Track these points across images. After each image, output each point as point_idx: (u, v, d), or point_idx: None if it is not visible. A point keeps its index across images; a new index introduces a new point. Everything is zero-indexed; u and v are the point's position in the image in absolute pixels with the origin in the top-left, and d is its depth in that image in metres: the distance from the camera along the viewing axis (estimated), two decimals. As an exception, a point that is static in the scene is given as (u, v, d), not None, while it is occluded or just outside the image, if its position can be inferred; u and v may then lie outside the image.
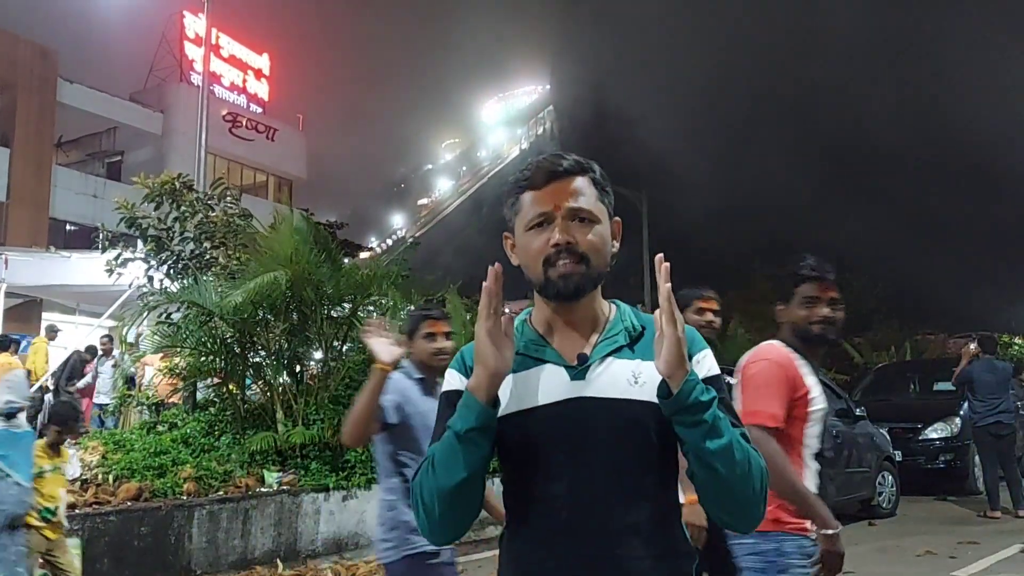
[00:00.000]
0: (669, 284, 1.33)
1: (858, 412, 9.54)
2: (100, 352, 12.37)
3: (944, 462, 10.98)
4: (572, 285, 1.41)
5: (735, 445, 1.32)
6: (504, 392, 1.40)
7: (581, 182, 1.46)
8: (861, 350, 20.15)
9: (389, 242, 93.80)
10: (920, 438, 11.10)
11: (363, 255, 14.26)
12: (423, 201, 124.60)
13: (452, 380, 1.50)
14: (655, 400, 1.36)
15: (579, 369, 1.43)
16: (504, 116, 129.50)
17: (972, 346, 10.23)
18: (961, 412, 11.02)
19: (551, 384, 1.42)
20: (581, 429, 1.39)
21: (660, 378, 1.35)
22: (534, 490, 1.40)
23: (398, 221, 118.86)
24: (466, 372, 1.45)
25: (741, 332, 15.48)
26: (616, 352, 1.44)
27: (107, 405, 11.51)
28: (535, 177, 1.47)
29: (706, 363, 1.45)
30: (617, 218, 1.53)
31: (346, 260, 9.03)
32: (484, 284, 1.34)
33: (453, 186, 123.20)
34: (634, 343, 1.45)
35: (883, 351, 19.86)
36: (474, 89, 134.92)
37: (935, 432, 11.17)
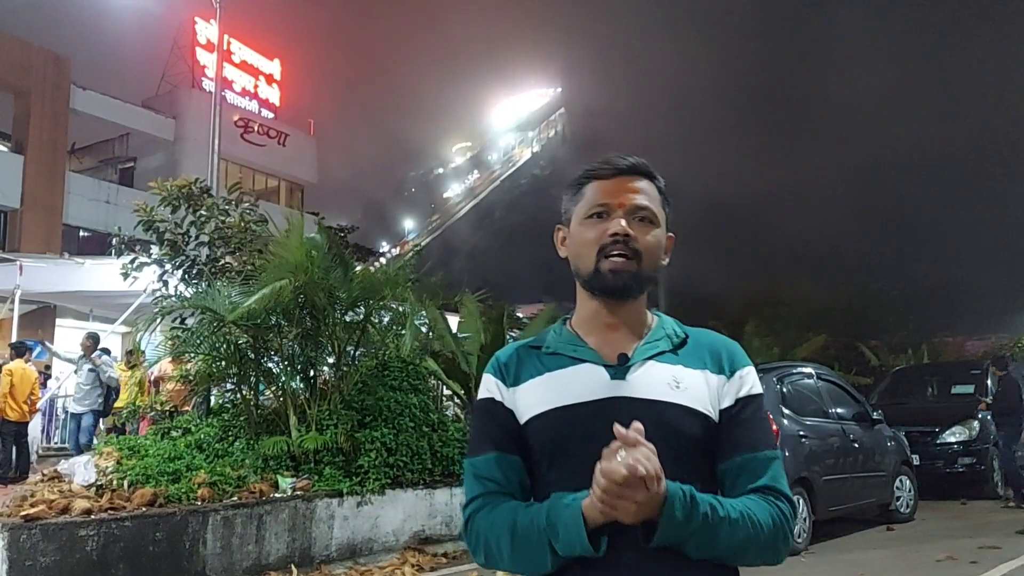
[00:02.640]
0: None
1: (875, 416, 9.44)
2: (80, 353, 11.78)
3: (963, 466, 10.87)
4: (621, 281, 1.38)
5: (739, 534, 1.26)
6: (539, 390, 1.38)
7: (648, 184, 1.44)
8: (878, 353, 19.99)
9: (396, 251, 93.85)
10: (938, 442, 11.00)
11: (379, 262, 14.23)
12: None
13: (489, 387, 1.45)
14: (695, 406, 1.35)
15: (620, 369, 1.39)
16: (515, 119, 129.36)
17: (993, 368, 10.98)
18: (980, 416, 10.94)
19: (590, 382, 1.38)
20: None
21: (702, 385, 1.36)
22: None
23: (409, 225, 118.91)
24: (503, 377, 1.43)
25: (757, 342, 15.31)
26: (658, 356, 1.40)
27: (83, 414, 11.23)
28: (602, 169, 1.44)
29: (748, 380, 1.41)
30: (671, 233, 1.49)
31: (357, 265, 9.02)
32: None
33: (465, 189, 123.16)
34: (677, 349, 1.42)
35: (900, 354, 19.70)
36: (485, 92, 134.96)
37: (953, 436, 11.07)
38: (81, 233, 24.61)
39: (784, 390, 8.32)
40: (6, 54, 22.28)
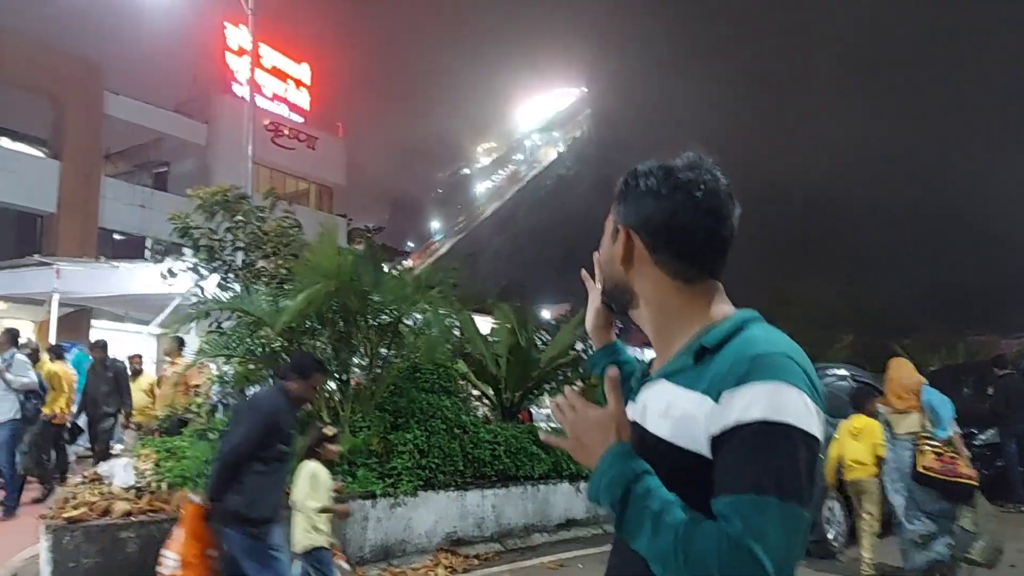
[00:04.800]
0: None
1: (911, 417, 9.28)
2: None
3: (995, 469, 10.70)
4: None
5: (659, 542, 1.09)
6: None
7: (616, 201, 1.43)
8: (911, 352, 19.71)
9: (421, 253, 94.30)
10: (976, 443, 10.82)
11: (406, 263, 14.31)
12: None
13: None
14: (675, 440, 1.20)
15: (637, 389, 1.37)
16: (541, 120, 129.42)
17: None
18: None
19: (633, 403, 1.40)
20: None
21: (694, 413, 1.17)
22: None
23: (436, 225, 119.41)
24: None
25: None
26: (674, 374, 1.27)
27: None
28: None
29: (738, 403, 1.11)
30: (623, 224, 1.37)
31: (385, 266, 9.09)
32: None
33: (491, 190, 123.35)
34: (699, 363, 1.22)
35: (934, 353, 19.42)
36: (511, 92, 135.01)
37: (990, 438, 10.90)
38: (116, 236, 24.99)
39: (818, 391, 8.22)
40: (42, 61, 22.71)
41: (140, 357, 11.42)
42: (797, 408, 1.09)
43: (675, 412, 1.20)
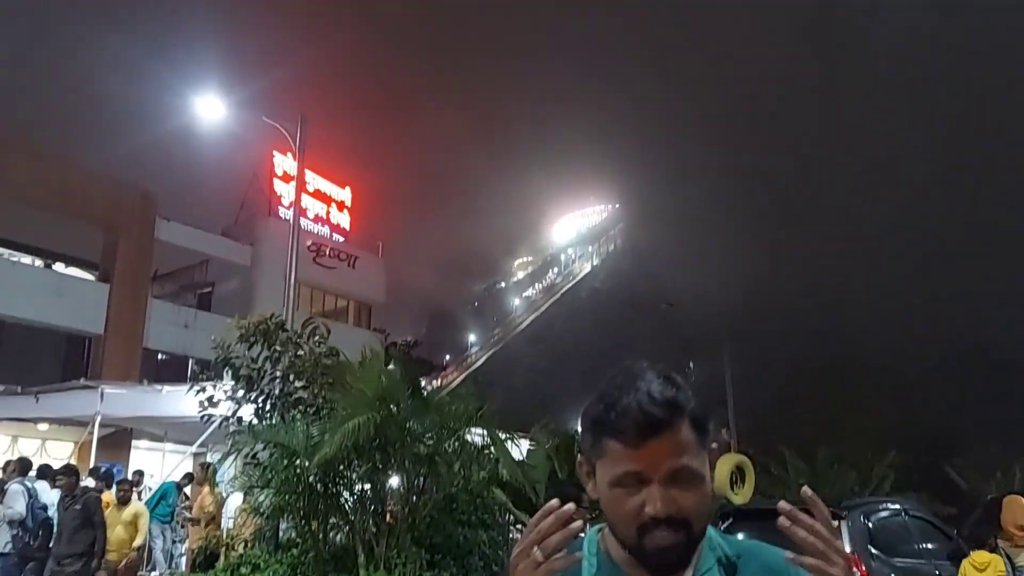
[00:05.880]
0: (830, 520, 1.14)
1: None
2: None
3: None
4: (673, 557, 1.19)
5: None
6: None
7: (681, 432, 1.19)
8: (965, 475, 18.89)
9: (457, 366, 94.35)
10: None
11: (437, 382, 14.32)
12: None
13: None
14: None
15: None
16: (575, 234, 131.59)
17: None
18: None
19: None
20: None
21: None
22: None
23: (472, 338, 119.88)
24: None
25: (832, 471, 14.69)
26: None
27: None
28: (624, 427, 1.19)
29: None
30: (714, 444, 1.37)
31: (422, 381, 9.05)
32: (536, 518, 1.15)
33: (526, 303, 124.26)
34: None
35: (990, 477, 18.58)
36: (546, 209, 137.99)
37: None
38: (160, 356, 25.43)
39: (871, 527, 7.91)
40: (99, 191, 23.81)
41: (130, 483, 10.20)
42: None
43: None
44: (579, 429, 1.35)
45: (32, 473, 9.93)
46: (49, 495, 9.57)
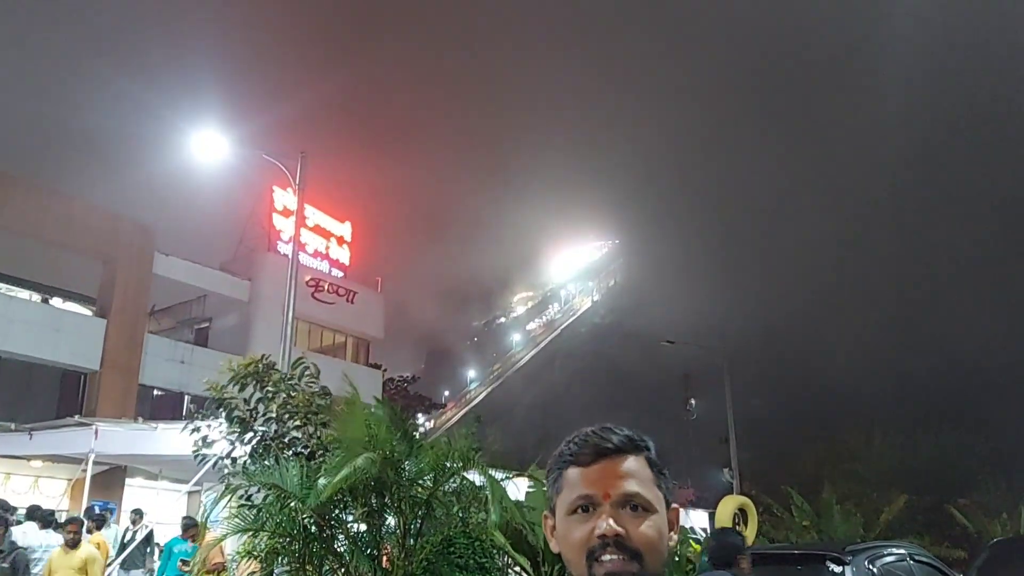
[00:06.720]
0: None
1: (979, 599, 8.66)
2: None
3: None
4: None
5: None
6: None
7: (635, 463, 1.25)
8: (970, 516, 18.62)
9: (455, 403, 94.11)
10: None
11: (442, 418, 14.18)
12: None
13: None
14: None
15: None
16: (575, 270, 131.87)
17: None
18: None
19: None
20: None
21: None
22: None
23: (471, 374, 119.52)
24: None
25: (836, 513, 14.51)
26: None
27: None
28: (580, 452, 1.26)
29: None
30: (676, 505, 1.31)
31: (420, 417, 8.94)
32: None
33: (526, 338, 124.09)
34: None
35: (995, 517, 18.32)
36: (546, 245, 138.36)
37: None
38: (155, 392, 25.24)
39: (876, 573, 7.73)
40: (97, 224, 23.82)
41: (80, 523, 8.94)
42: None
43: None
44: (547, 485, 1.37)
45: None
46: (37, 536, 9.40)
